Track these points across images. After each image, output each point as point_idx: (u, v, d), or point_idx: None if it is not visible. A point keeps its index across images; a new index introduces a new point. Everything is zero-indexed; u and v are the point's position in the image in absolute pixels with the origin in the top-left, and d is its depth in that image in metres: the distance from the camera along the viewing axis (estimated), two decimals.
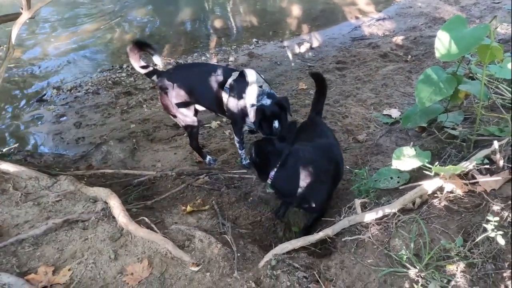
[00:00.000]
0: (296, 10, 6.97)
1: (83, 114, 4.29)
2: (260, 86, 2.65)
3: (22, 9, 2.48)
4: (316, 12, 6.73)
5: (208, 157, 3.19)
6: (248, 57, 5.37)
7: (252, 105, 2.60)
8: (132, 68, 5.26)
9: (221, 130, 3.87)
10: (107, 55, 5.77)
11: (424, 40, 5.05)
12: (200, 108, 2.97)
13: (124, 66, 5.32)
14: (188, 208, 2.42)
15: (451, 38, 1.89)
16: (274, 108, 2.56)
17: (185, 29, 6.52)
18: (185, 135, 3.78)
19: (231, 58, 5.39)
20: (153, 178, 2.86)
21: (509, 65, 2.20)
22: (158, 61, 2.82)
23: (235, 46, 5.78)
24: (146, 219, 2.08)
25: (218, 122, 3.95)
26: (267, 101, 2.58)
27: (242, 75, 2.66)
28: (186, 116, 2.85)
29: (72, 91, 4.82)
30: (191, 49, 5.80)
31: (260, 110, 2.53)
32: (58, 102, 4.59)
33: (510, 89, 2.29)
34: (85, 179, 2.67)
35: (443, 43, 1.90)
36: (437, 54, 1.97)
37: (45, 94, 4.74)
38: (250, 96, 2.62)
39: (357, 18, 6.29)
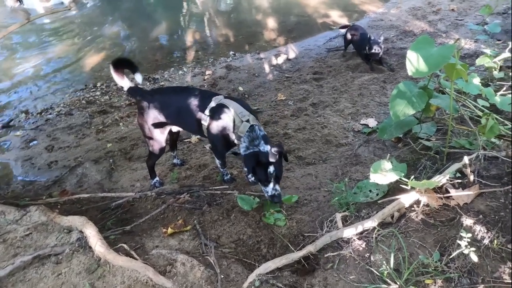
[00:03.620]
0: (271, 23, 7.08)
1: (56, 136, 4.14)
2: (247, 121, 2.53)
3: None
4: (291, 24, 6.87)
5: (156, 178, 3.11)
6: (226, 70, 5.39)
7: (247, 150, 2.52)
8: (107, 86, 5.18)
9: (201, 144, 3.83)
10: (80, 74, 5.63)
11: (396, 51, 5.24)
12: (176, 129, 2.95)
13: (98, 84, 5.22)
14: (169, 230, 2.37)
15: (420, 57, 1.97)
16: (271, 155, 2.44)
17: (160, 44, 6.49)
18: (166, 150, 3.73)
19: (208, 71, 5.38)
20: (132, 200, 2.78)
21: (474, 81, 2.32)
22: (139, 79, 2.78)
23: (212, 59, 5.79)
24: (125, 246, 2.02)
25: (198, 136, 3.92)
26: (264, 147, 2.48)
27: (222, 106, 2.59)
28: (155, 141, 2.82)
29: (42, 113, 4.65)
30: (167, 63, 5.77)
31: (255, 156, 2.44)
32: (27, 127, 4.41)
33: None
34: (59, 207, 2.56)
35: (412, 62, 1.98)
36: (409, 72, 2.05)
37: (11, 119, 4.53)
38: (236, 130, 2.54)
39: (331, 29, 6.46)
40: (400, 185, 2.07)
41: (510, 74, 3.17)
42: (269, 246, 2.57)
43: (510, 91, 2.69)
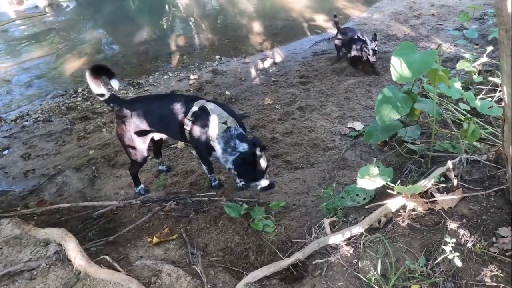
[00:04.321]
0: (257, 27, 7.09)
1: (33, 144, 3.98)
2: (224, 123, 2.53)
3: None
4: (277, 28, 6.90)
5: (141, 186, 3.04)
6: (212, 74, 5.35)
7: (225, 152, 2.52)
8: (89, 92, 5.05)
9: (188, 150, 3.78)
10: (59, 80, 5.47)
11: (381, 55, 5.30)
12: (158, 136, 2.91)
13: (79, 90, 5.09)
14: (155, 240, 2.31)
15: (404, 63, 1.99)
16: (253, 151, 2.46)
17: (144, 49, 6.38)
18: (150, 157, 3.65)
19: (194, 76, 5.34)
20: (116, 209, 2.70)
21: (456, 85, 2.37)
22: (116, 85, 2.70)
23: (198, 64, 5.74)
24: (107, 258, 1.95)
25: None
26: (243, 146, 2.48)
27: (203, 109, 2.57)
28: (138, 150, 2.76)
29: (17, 120, 4.49)
30: (152, 68, 5.69)
31: (241, 160, 2.45)
32: (0, 134, 4.23)
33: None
34: (36, 218, 2.43)
35: (396, 68, 2.00)
36: (393, 78, 2.07)
37: None
38: (213, 132, 2.53)
39: (316, 33, 6.52)
40: (387, 190, 2.09)
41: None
42: (257, 253, 2.54)
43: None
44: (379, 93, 2.44)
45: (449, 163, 1.82)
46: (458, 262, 1.53)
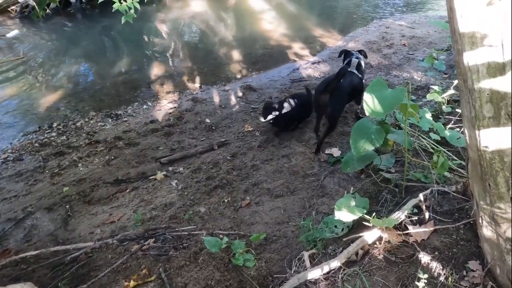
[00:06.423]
0: (236, 55, 7.25)
1: (0, 187, 3.76)
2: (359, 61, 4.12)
3: None
4: (256, 56, 7.07)
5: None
6: (192, 102, 5.38)
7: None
8: (64, 126, 4.94)
9: (167, 181, 3.73)
10: (33, 115, 5.30)
11: None
12: None
13: (54, 125, 4.94)
14: (132, 283, 2.23)
15: (376, 99, 2.09)
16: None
17: (123, 80, 6.34)
18: (127, 190, 3.59)
19: (174, 104, 5.35)
20: (91, 251, 2.59)
21: (426, 116, 2.48)
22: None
23: (177, 92, 5.77)
24: None
25: (164, 173, 3.83)
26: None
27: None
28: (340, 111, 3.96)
29: None
30: (131, 98, 5.66)
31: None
32: None
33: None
34: None
35: (369, 104, 2.09)
36: (366, 113, 2.16)
37: None
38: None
39: (294, 61, 6.72)
40: (363, 221, 2.12)
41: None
42: None
43: None
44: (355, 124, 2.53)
45: (421, 196, 1.88)
46: None
